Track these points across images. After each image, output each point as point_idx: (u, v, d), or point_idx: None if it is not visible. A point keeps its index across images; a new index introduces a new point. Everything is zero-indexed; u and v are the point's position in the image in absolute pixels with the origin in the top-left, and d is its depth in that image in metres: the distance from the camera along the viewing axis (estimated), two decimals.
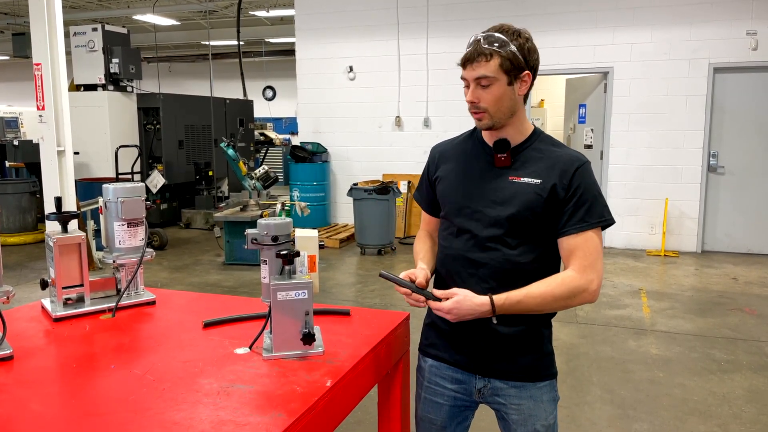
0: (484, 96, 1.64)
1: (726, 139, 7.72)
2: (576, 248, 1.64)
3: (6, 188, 8.93)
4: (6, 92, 20.09)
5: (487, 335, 1.73)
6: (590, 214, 1.64)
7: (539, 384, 1.76)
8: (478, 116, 1.68)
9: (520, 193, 1.67)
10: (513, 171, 1.70)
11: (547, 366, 1.79)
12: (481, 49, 1.61)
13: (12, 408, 1.38)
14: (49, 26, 6.01)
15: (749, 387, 3.91)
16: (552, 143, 1.74)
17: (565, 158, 1.68)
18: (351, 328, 1.91)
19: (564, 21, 8.03)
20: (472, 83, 1.65)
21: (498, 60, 1.61)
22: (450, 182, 1.81)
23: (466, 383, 1.81)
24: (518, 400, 1.75)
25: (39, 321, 1.99)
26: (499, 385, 1.76)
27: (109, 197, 2.07)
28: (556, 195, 1.64)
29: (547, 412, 1.77)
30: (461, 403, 1.84)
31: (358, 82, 9.20)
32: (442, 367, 1.85)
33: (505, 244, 1.69)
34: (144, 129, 9.93)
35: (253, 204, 7.31)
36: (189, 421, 1.31)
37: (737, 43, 7.44)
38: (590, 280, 1.63)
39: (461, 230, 1.75)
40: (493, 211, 1.69)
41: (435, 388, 1.86)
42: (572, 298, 1.63)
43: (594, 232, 1.65)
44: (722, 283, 6.42)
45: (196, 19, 14.33)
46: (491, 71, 1.62)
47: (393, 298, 5.95)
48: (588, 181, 1.66)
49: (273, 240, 1.68)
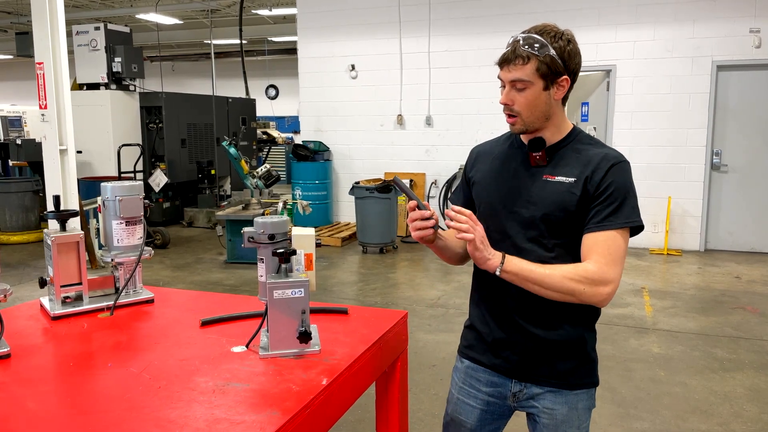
0: (518, 99, 1.60)
1: (729, 137, 7.69)
2: (596, 245, 1.57)
3: (9, 187, 8.96)
4: (9, 91, 20.14)
5: (528, 339, 1.69)
6: (617, 215, 1.57)
7: (577, 391, 1.71)
8: (511, 120, 1.64)
9: (554, 192, 1.62)
10: (548, 170, 1.66)
11: (588, 373, 1.74)
12: (519, 51, 1.56)
13: (8, 406, 1.38)
14: (51, 25, 6.03)
15: (751, 386, 3.90)
16: (590, 142, 1.68)
17: (601, 156, 1.62)
18: (348, 327, 1.91)
19: (566, 18, 8.00)
20: (507, 85, 1.61)
21: (535, 64, 1.56)
22: (485, 182, 1.77)
23: (502, 387, 1.78)
24: (552, 404, 1.71)
25: (37, 319, 1.99)
26: (536, 391, 1.72)
27: (108, 196, 2.08)
28: (587, 192, 1.59)
29: (581, 420, 1.72)
30: (494, 408, 1.80)
31: (360, 81, 9.20)
32: (479, 369, 1.82)
33: (541, 245, 1.65)
34: (146, 128, 9.95)
35: (255, 202, 7.32)
36: (184, 419, 1.31)
37: (740, 41, 7.41)
38: (606, 279, 1.54)
39: (496, 231, 1.70)
40: (527, 211, 1.65)
41: (469, 390, 1.83)
42: (581, 284, 1.54)
43: (619, 232, 1.57)
44: (725, 282, 6.40)
45: (198, 17, 14.34)
46: (527, 75, 1.57)
47: (394, 296, 5.95)
48: (621, 181, 1.59)
49: (270, 238, 1.68)
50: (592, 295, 1.55)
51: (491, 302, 1.76)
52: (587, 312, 1.70)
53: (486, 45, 8.23)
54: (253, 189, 7.38)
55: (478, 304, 1.83)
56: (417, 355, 4.32)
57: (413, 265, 7.26)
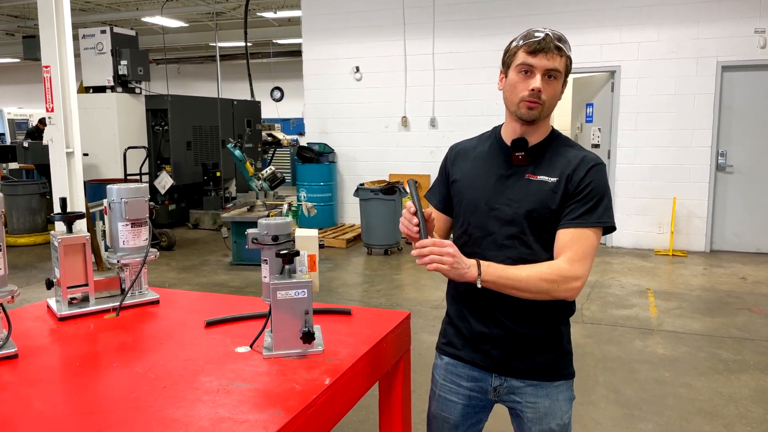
0: (547, 89, 1.65)
1: (734, 138, 7.67)
2: (570, 241, 1.64)
3: (16, 189, 9.01)
4: (16, 94, 20.27)
5: (504, 334, 1.73)
6: (592, 214, 1.65)
7: (556, 383, 1.77)
8: (533, 105, 1.65)
9: (537, 191, 1.68)
10: (530, 169, 1.71)
11: (566, 365, 1.80)
12: (555, 44, 1.63)
13: (15, 406, 1.40)
14: (58, 28, 6.07)
15: (756, 387, 3.89)
16: (569, 144, 1.76)
17: (580, 157, 1.69)
18: (351, 327, 1.92)
19: (570, 20, 8.00)
20: (540, 73, 1.63)
21: (565, 59, 1.65)
22: (467, 180, 1.80)
23: (482, 381, 1.81)
24: (534, 398, 1.75)
25: (44, 320, 2.02)
26: (516, 384, 1.77)
27: (113, 198, 2.10)
28: (567, 191, 1.66)
29: (563, 411, 1.77)
30: (476, 402, 1.84)
31: (364, 83, 9.21)
32: (458, 365, 1.85)
33: (521, 242, 1.69)
34: (152, 130, 9.99)
35: (260, 204, 7.34)
36: (188, 418, 1.32)
37: (745, 42, 7.39)
38: (576, 275, 1.62)
39: (477, 228, 1.74)
40: (510, 209, 1.69)
41: (450, 386, 1.86)
42: (556, 284, 1.61)
43: (592, 230, 1.65)
44: (730, 283, 6.38)
45: (204, 20, 14.40)
46: (561, 67, 1.64)
47: (399, 298, 5.96)
48: (598, 182, 1.67)
49: (273, 239, 1.69)
50: (564, 290, 1.63)
51: (469, 298, 1.78)
52: (564, 307, 1.75)
53: (490, 47, 8.23)
54: (258, 191, 7.41)
55: (455, 299, 1.85)
56: (421, 356, 4.32)
57: (418, 267, 7.22)
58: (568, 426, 1.79)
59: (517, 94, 1.67)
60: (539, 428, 1.76)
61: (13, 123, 13.02)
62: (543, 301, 1.66)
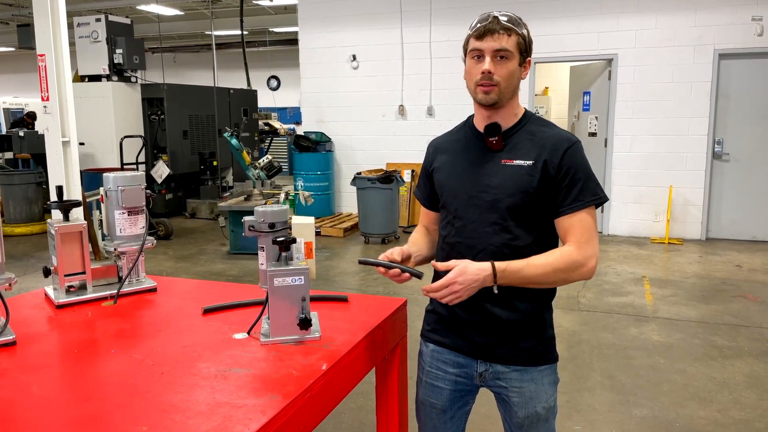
0: (499, 70, 1.66)
1: (731, 126, 7.67)
2: (572, 227, 1.68)
3: (13, 179, 8.99)
4: (12, 84, 20.16)
5: (488, 320, 1.75)
6: (583, 193, 1.67)
7: (540, 367, 1.79)
8: (487, 89, 1.67)
9: (514, 175, 1.69)
10: (505, 154, 1.73)
11: (549, 350, 1.82)
12: (502, 24, 1.65)
13: (14, 392, 1.41)
14: (53, 17, 6.02)
15: (750, 373, 3.92)
16: (542, 124, 1.77)
17: (555, 138, 1.70)
18: (348, 314, 1.93)
19: (568, 8, 7.98)
20: (489, 55, 1.66)
21: (516, 38, 1.66)
22: (446, 171, 1.83)
23: (468, 367, 1.83)
24: (519, 383, 1.78)
25: (42, 308, 2.03)
26: (501, 369, 1.79)
27: (110, 186, 2.10)
28: (548, 175, 1.67)
29: (548, 394, 1.80)
30: (462, 387, 1.86)
31: (361, 71, 9.18)
32: (444, 351, 1.87)
33: (502, 228, 1.71)
34: (148, 119, 9.96)
35: (257, 193, 7.34)
36: (186, 403, 1.34)
37: (742, 29, 7.38)
38: (588, 257, 1.67)
39: (458, 217, 1.77)
40: (488, 195, 1.71)
41: (436, 373, 1.88)
42: (571, 271, 1.66)
43: (587, 211, 1.68)
44: (726, 270, 6.41)
45: (199, 9, 14.30)
46: (511, 46, 1.65)
47: (396, 286, 5.98)
48: (578, 161, 1.69)
49: (270, 227, 1.70)
50: (581, 275, 1.69)
51: None
52: (546, 292, 1.78)
53: None
54: (255, 180, 7.40)
55: None
56: (417, 343, 4.34)
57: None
58: (553, 408, 1.82)
59: (472, 80, 1.71)
60: (525, 412, 1.78)
61: (8, 112, 12.95)
62: (525, 288, 1.69)
